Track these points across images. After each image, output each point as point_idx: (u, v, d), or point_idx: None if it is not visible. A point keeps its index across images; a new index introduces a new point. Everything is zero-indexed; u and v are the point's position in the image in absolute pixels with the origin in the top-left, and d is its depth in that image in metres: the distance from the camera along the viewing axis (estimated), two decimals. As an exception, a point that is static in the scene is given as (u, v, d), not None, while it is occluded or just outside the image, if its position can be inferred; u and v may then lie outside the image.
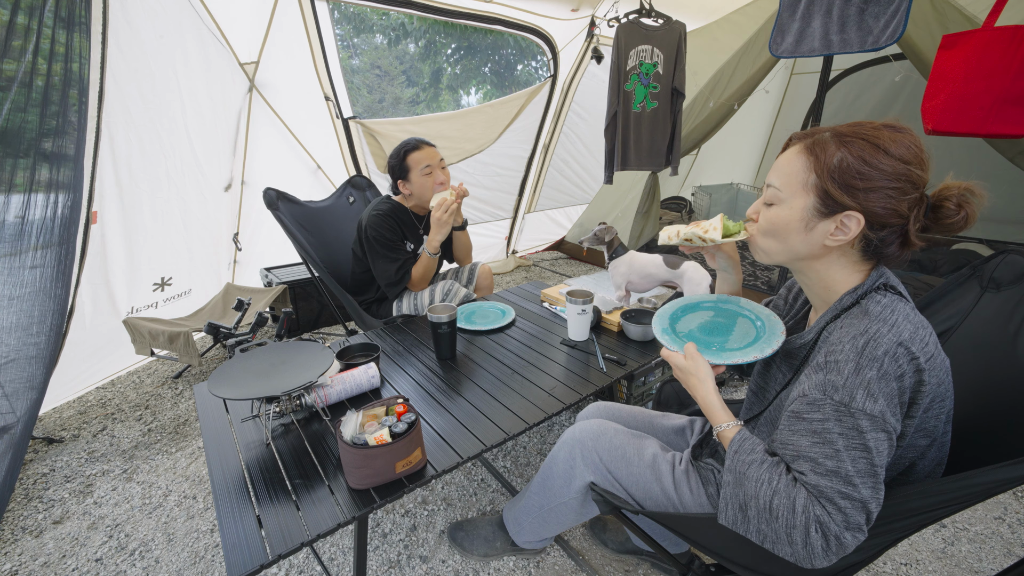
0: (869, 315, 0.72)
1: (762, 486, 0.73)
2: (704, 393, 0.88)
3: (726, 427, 0.85)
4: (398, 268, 1.84)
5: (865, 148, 0.72)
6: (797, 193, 0.77)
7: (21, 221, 1.64)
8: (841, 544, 0.67)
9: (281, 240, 2.29)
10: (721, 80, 3.24)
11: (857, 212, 0.72)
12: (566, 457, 1.10)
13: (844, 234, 0.74)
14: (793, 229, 0.78)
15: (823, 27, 2.18)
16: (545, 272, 4.17)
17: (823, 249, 0.78)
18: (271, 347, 1.26)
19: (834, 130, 0.76)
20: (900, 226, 0.73)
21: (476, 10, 3.23)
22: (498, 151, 3.81)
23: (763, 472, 0.74)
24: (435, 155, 1.85)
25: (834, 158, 0.73)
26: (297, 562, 1.41)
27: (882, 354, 0.67)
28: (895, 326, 0.69)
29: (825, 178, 0.74)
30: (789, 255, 0.81)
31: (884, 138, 0.72)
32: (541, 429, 1.98)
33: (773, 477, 0.73)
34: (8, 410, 1.58)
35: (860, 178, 0.72)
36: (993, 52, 1.77)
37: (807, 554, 0.69)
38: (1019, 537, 1.46)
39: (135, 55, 2.11)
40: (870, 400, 0.67)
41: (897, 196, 0.71)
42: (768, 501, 0.72)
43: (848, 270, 0.79)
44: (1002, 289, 0.90)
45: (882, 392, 0.67)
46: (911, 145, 0.72)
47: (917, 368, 0.68)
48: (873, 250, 0.76)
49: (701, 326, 1.02)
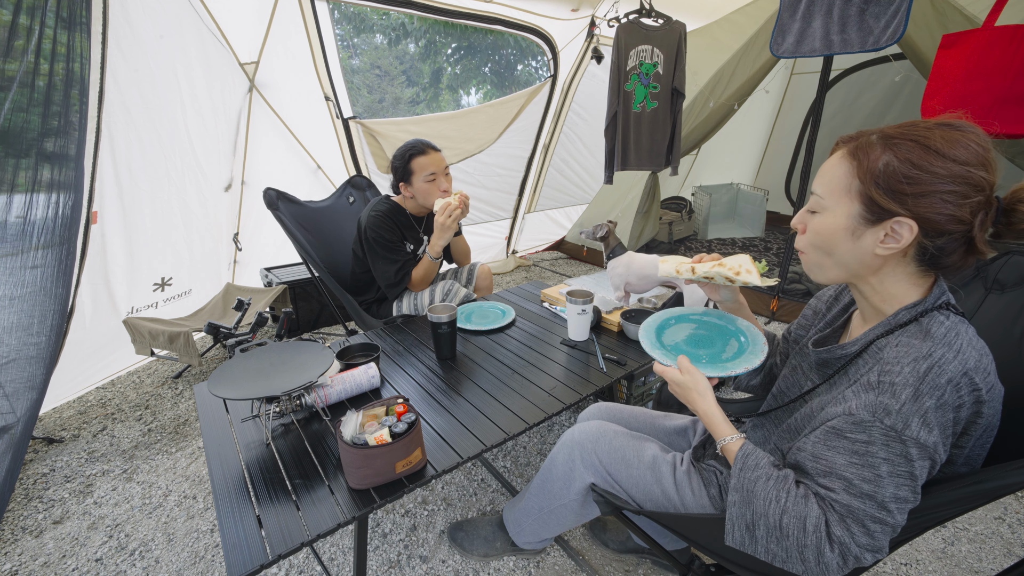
0: (932, 337, 0.66)
1: (770, 504, 0.72)
2: (706, 407, 0.87)
3: (729, 440, 0.84)
4: (398, 269, 1.84)
5: (914, 150, 0.67)
6: (841, 200, 0.73)
7: (23, 221, 1.64)
8: (860, 562, 0.67)
9: (281, 240, 2.30)
10: (721, 80, 3.25)
11: (908, 218, 0.67)
12: (565, 459, 1.10)
13: (896, 242, 0.69)
14: (839, 238, 0.73)
15: (824, 27, 2.18)
16: (545, 272, 4.17)
17: (875, 259, 0.72)
18: (271, 347, 1.26)
19: (881, 132, 0.71)
20: (962, 232, 0.67)
21: (476, 10, 3.23)
22: (498, 151, 3.81)
23: (770, 489, 0.73)
24: (440, 162, 1.83)
25: (879, 162, 0.68)
26: (297, 562, 1.41)
27: (945, 383, 0.63)
28: (960, 352, 0.64)
29: (869, 183, 0.69)
30: (842, 269, 0.76)
31: (936, 138, 0.66)
32: (541, 429, 1.98)
33: (781, 495, 0.72)
34: (8, 410, 1.58)
35: (908, 182, 0.66)
36: (993, 52, 1.77)
37: (820, 571, 0.68)
38: (1019, 537, 1.46)
39: (135, 55, 2.11)
40: (925, 430, 0.63)
41: (956, 200, 0.65)
42: (777, 520, 0.71)
43: (905, 283, 0.73)
44: (1007, 290, 0.89)
45: (938, 423, 0.63)
46: (970, 144, 0.65)
47: (977, 399, 0.65)
48: (930, 259, 0.70)
49: (687, 338, 1.02)
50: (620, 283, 1.80)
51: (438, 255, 1.84)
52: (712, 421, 0.87)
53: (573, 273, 4.09)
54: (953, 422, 0.64)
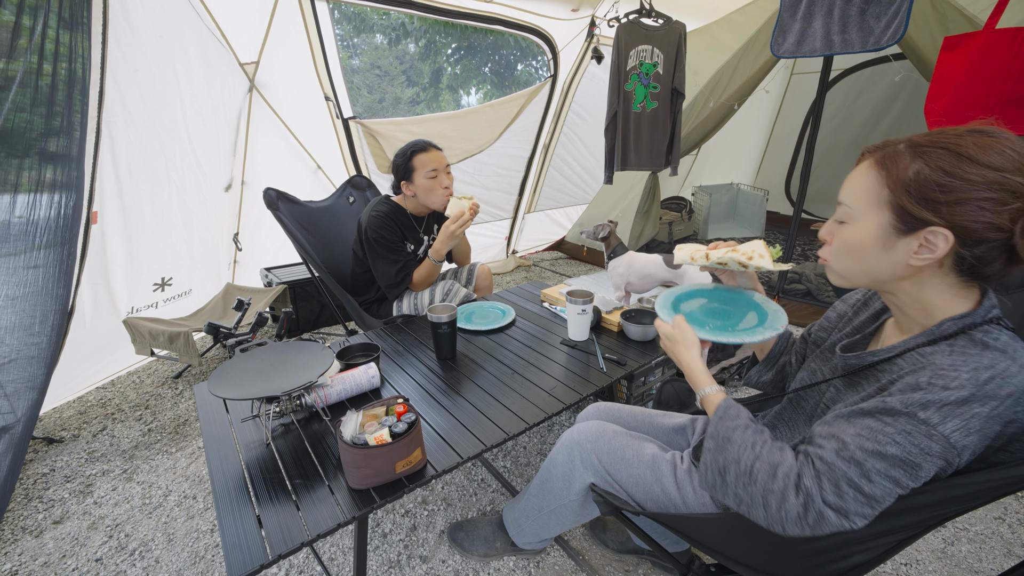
0: (993, 349, 0.65)
1: (745, 451, 0.75)
2: (689, 359, 0.91)
3: (710, 391, 0.87)
4: (399, 270, 1.84)
5: (945, 157, 0.65)
6: (870, 210, 0.71)
7: (24, 221, 1.64)
8: (822, 519, 0.67)
9: (281, 240, 2.30)
10: (721, 80, 3.25)
11: (943, 228, 0.65)
12: (565, 460, 1.10)
13: (931, 252, 0.67)
14: (870, 249, 0.72)
15: (824, 27, 2.18)
16: (545, 272, 4.17)
17: (908, 269, 0.70)
18: (271, 347, 1.26)
19: (909, 140, 0.69)
20: (1002, 240, 0.65)
21: (476, 10, 3.23)
22: (498, 151, 3.81)
23: (747, 437, 0.76)
24: (442, 160, 1.83)
25: (909, 170, 0.67)
26: (297, 562, 1.41)
27: (1005, 395, 0.61)
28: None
29: (900, 193, 0.67)
30: (870, 278, 0.74)
31: (968, 145, 0.65)
32: (541, 429, 1.98)
33: (756, 442, 0.75)
34: (8, 410, 1.58)
35: (942, 190, 0.65)
36: (995, 54, 1.77)
37: (780, 518, 0.70)
38: (1019, 537, 1.46)
39: (135, 55, 2.11)
40: (961, 432, 0.62)
41: (993, 207, 0.63)
42: (749, 465, 0.73)
43: (947, 293, 0.70)
44: (1011, 292, 0.89)
45: (980, 431, 0.62)
46: (1005, 150, 0.64)
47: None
48: (969, 269, 0.67)
49: (704, 308, 1.03)
50: (621, 283, 1.80)
51: (441, 259, 1.85)
52: (694, 373, 0.90)
53: (573, 273, 4.09)
54: (996, 436, 0.63)
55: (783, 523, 0.71)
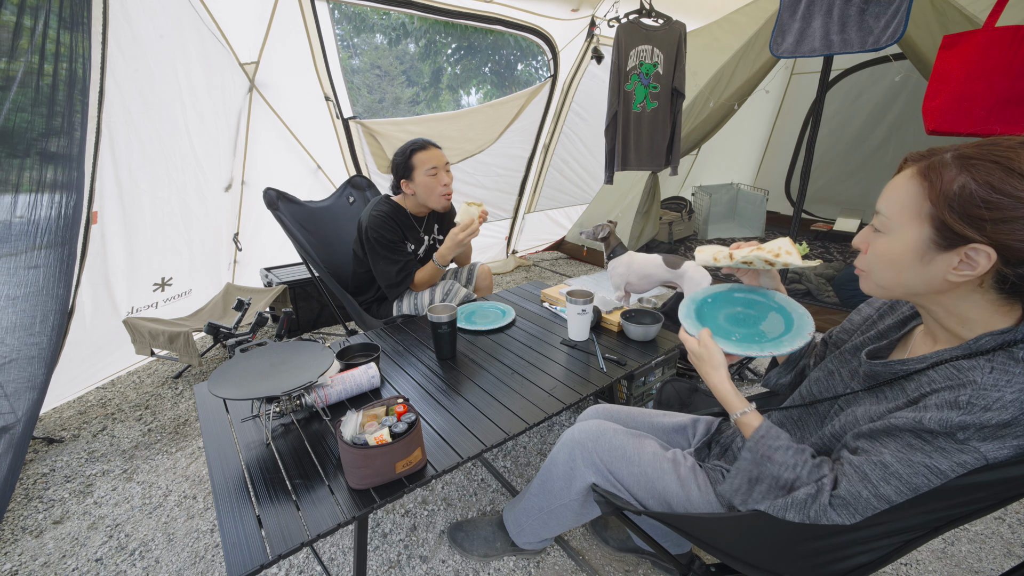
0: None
1: (786, 470, 0.77)
2: (718, 381, 0.90)
3: (745, 413, 0.87)
4: (399, 270, 1.84)
5: (994, 172, 0.61)
6: (909, 223, 0.68)
7: (25, 221, 1.64)
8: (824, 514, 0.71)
9: (281, 240, 2.29)
10: (721, 80, 3.24)
11: (986, 246, 0.62)
12: (566, 459, 1.10)
13: (971, 268, 0.64)
14: (906, 263, 0.69)
15: (823, 27, 2.18)
16: (545, 272, 4.17)
17: (946, 284, 0.67)
18: (271, 347, 1.26)
19: (957, 150, 0.66)
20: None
21: (476, 10, 3.23)
22: (498, 151, 3.81)
23: (790, 457, 0.78)
24: (441, 157, 1.84)
25: (954, 184, 0.63)
26: (297, 562, 1.41)
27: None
28: None
29: (942, 207, 0.64)
30: (906, 290, 0.72)
31: (1020, 159, 0.61)
32: (541, 429, 1.98)
33: (798, 464, 0.77)
34: (8, 410, 1.58)
35: (987, 207, 0.61)
36: (994, 52, 1.77)
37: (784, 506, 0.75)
38: (1019, 537, 1.46)
39: (135, 55, 2.11)
40: (995, 449, 0.61)
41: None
42: (789, 482, 0.77)
43: (987, 309, 0.68)
44: None
45: (1014, 448, 0.61)
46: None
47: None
48: (1011, 288, 0.64)
49: (728, 316, 1.01)
50: (621, 283, 1.80)
51: (446, 264, 1.86)
52: (724, 395, 0.89)
53: (573, 273, 4.09)
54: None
55: (785, 511, 0.74)
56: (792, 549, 0.80)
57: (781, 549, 0.82)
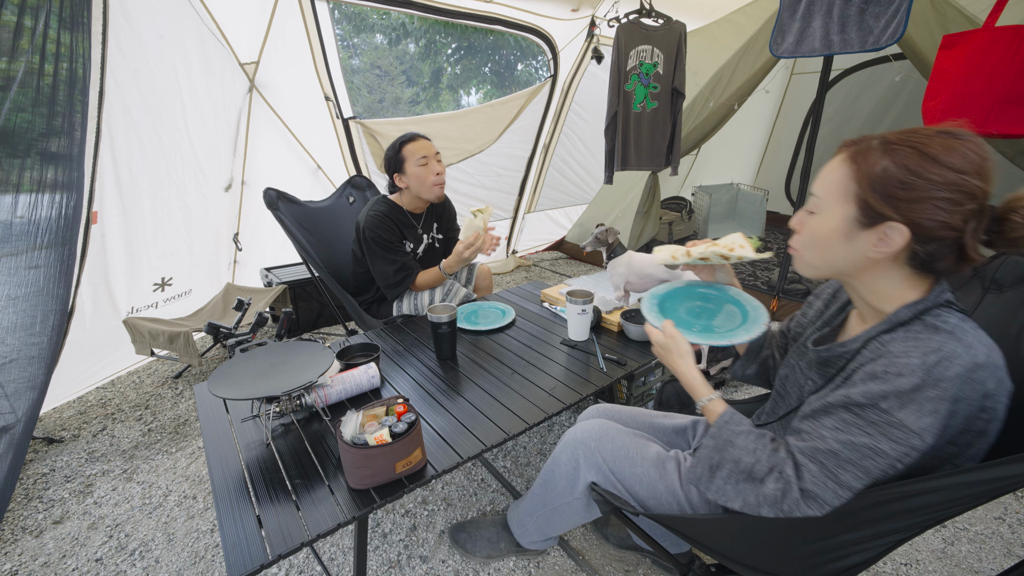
0: (940, 332, 0.67)
1: (747, 454, 0.80)
2: (685, 368, 0.94)
3: (711, 400, 0.90)
4: (397, 270, 1.84)
5: (911, 156, 0.68)
6: (838, 202, 0.74)
7: (26, 221, 1.64)
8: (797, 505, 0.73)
9: (281, 240, 2.29)
10: (721, 80, 3.24)
11: (900, 224, 0.68)
12: (568, 459, 1.10)
13: (888, 246, 0.70)
14: (834, 240, 0.75)
15: (823, 27, 2.18)
16: (545, 272, 4.17)
17: (867, 261, 0.74)
18: (271, 347, 1.26)
19: (883, 137, 0.72)
20: (954, 239, 0.68)
21: (476, 10, 3.23)
22: (498, 151, 3.80)
23: (750, 442, 0.80)
24: (431, 148, 1.87)
25: (877, 167, 0.70)
26: (297, 562, 1.41)
27: (953, 375, 0.64)
28: (971, 348, 0.65)
29: (866, 187, 0.70)
30: (833, 268, 0.78)
31: (935, 145, 0.67)
32: (541, 429, 1.98)
33: (758, 448, 0.79)
34: (9, 410, 1.58)
35: (904, 188, 0.67)
36: (994, 52, 1.77)
37: (757, 503, 0.76)
38: (1019, 537, 1.46)
39: (135, 55, 2.11)
40: (915, 415, 0.65)
41: (948, 207, 0.66)
42: (749, 467, 0.79)
43: (902, 284, 0.74)
44: (1004, 290, 0.89)
45: (933, 412, 0.64)
46: (968, 152, 0.66)
47: (984, 394, 0.65)
48: (921, 264, 0.71)
49: (689, 309, 1.07)
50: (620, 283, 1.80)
51: (452, 274, 1.90)
52: (691, 382, 0.93)
53: (573, 273, 4.09)
54: (950, 414, 0.65)
55: (759, 508, 0.76)
56: (788, 551, 0.80)
57: (777, 550, 0.83)
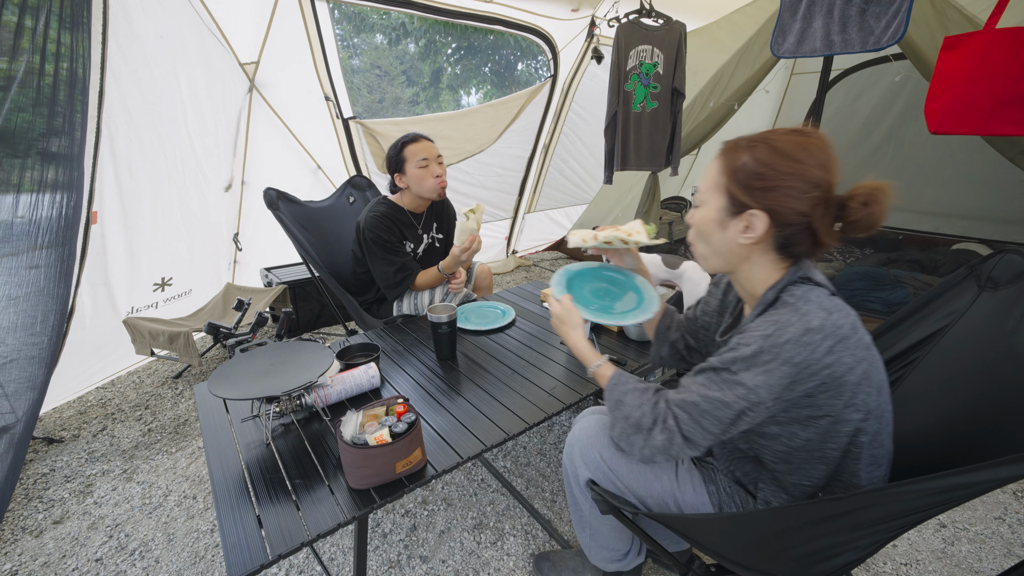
0: (786, 305, 0.78)
1: (634, 409, 0.89)
2: (576, 339, 1.05)
3: (599, 366, 1.01)
4: (396, 270, 1.84)
5: (762, 150, 0.78)
6: (712, 195, 0.85)
7: (26, 222, 1.64)
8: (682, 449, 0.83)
9: (281, 240, 2.29)
10: (721, 80, 3.24)
11: (759, 210, 0.79)
12: (568, 461, 1.09)
13: (753, 231, 0.80)
14: (712, 229, 0.85)
15: (824, 27, 2.18)
16: (545, 272, 4.17)
17: (742, 248, 0.83)
18: (271, 347, 1.26)
19: (749, 137, 0.82)
20: (805, 224, 0.78)
21: (476, 10, 3.23)
22: (498, 151, 3.80)
23: (636, 398, 0.90)
24: (432, 149, 1.86)
25: (738, 161, 0.80)
26: (297, 562, 1.41)
27: (784, 341, 0.73)
28: (805, 315, 0.74)
29: (731, 180, 0.81)
30: (720, 259, 0.88)
31: (785, 142, 0.78)
32: (541, 429, 1.98)
33: (643, 402, 0.89)
34: (9, 410, 1.58)
35: (758, 179, 0.78)
36: (994, 54, 1.77)
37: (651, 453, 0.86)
38: (1019, 537, 1.46)
39: (135, 55, 2.11)
40: (751, 375, 0.76)
41: (796, 195, 0.76)
42: (637, 419, 0.88)
43: (768, 268, 0.84)
44: (999, 288, 0.90)
45: (766, 372, 0.74)
46: (810, 147, 0.77)
47: (828, 350, 0.73)
48: (781, 248, 0.82)
49: (594, 289, 1.18)
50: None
51: (450, 274, 1.90)
52: (582, 351, 1.04)
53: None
54: (791, 375, 0.74)
55: (654, 456, 0.87)
56: (784, 550, 0.81)
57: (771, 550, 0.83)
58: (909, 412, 0.97)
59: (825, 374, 0.74)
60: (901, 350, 1.01)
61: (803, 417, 0.79)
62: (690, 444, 0.83)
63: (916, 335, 1.00)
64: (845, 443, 0.81)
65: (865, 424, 0.80)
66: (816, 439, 0.81)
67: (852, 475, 0.84)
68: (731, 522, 0.86)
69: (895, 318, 1.03)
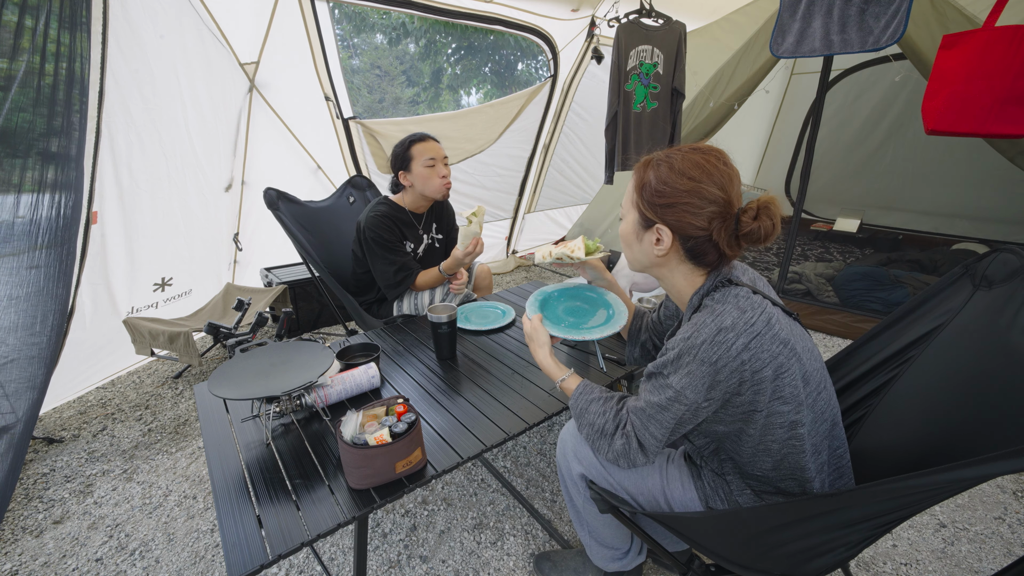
0: (704, 309, 0.82)
1: (598, 417, 0.95)
2: (542, 356, 1.10)
3: (564, 380, 1.06)
4: (397, 270, 1.84)
5: (663, 169, 0.84)
6: (629, 209, 0.91)
7: (26, 221, 1.64)
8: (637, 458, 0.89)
9: (281, 240, 2.30)
10: (721, 80, 3.24)
11: (664, 226, 0.84)
12: (561, 458, 1.09)
13: (662, 245, 0.86)
14: (631, 240, 0.92)
15: (824, 27, 2.18)
16: (545, 272, 4.17)
17: (657, 259, 0.89)
18: (271, 347, 1.26)
19: (657, 155, 0.87)
20: (705, 237, 0.83)
21: (476, 10, 3.23)
22: (498, 151, 3.80)
23: (598, 407, 0.96)
24: (439, 150, 1.86)
25: (644, 179, 0.86)
26: (297, 562, 1.41)
27: (700, 342, 0.78)
28: (719, 316, 0.78)
29: (640, 196, 0.87)
30: (639, 264, 0.94)
31: (683, 160, 0.83)
32: (541, 429, 1.98)
33: (606, 410, 0.94)
34: (9, 410, 1.58)
35: (659, 196, 0.84)
36: (994, 52, 1.77)
37: (615, 456, 0.91)
38: (1019, 537, 1.46)
39: (135, 55, 2.11)
40: (676, 377, 0.81)
41: (692, 211, 0.81)
42: (601, 426, 0.93)
43: (688, 278, 0.89)
44: (994, 287, 0.90)
45: (688, 373, 0.79)
46: (707, 165, 0.81)
47: (744, 347, 0.77)
48: (693, 258, 0.87)
49: (567, 308, 1.27)
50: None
51: (451, 274, 1.90)
52: (547, 368, 1.09)
53: (573, 273, 4.09)
54: (711, 373, 0.78)
55: (617, 460, 0.91)
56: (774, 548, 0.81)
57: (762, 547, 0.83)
58: (904, 409, 0.98)
59: (744, 370, 0.77)
60: (897, 349, 1.01)
61: (740, 415, 0.83)
62: (643, 449, 0.88)
63: (912, 334, 1.00)
64: (784, 435, 0.83)
65: (799, 416, 0.82)
66: (757, 434, 0.84)
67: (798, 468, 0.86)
68: (719, 520, 0.87)
69: (891, 317, 1.04)
